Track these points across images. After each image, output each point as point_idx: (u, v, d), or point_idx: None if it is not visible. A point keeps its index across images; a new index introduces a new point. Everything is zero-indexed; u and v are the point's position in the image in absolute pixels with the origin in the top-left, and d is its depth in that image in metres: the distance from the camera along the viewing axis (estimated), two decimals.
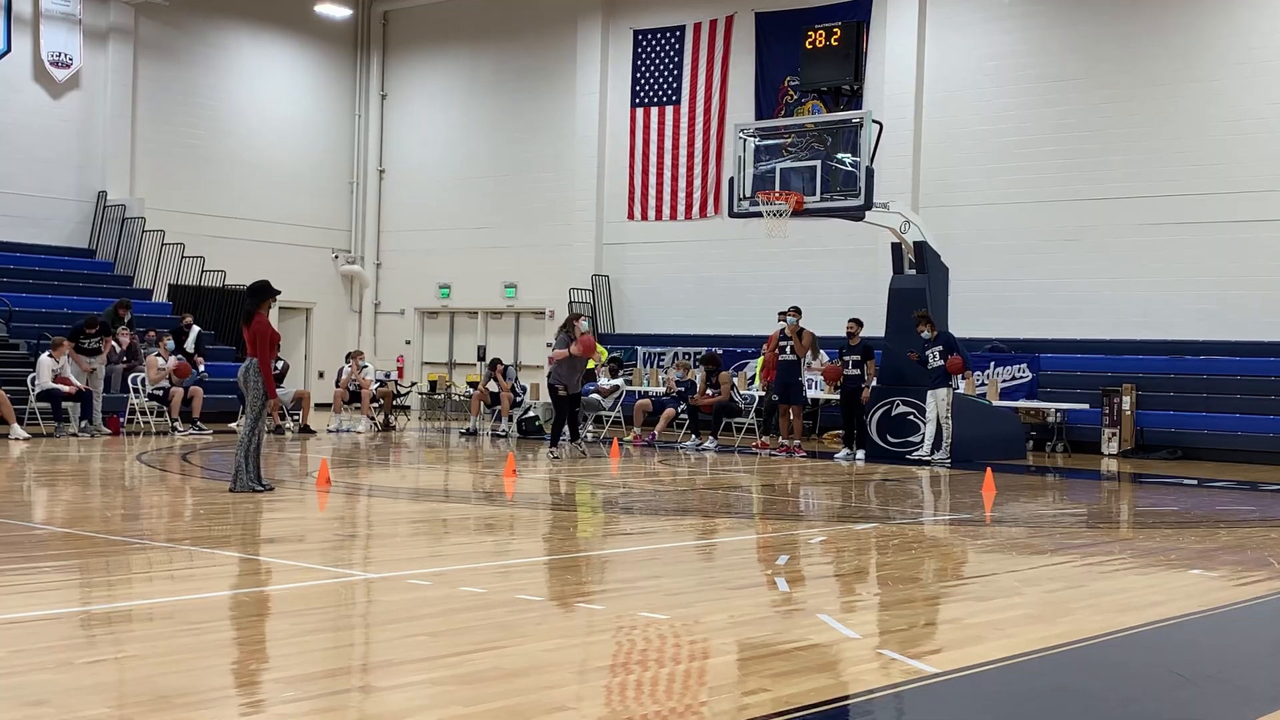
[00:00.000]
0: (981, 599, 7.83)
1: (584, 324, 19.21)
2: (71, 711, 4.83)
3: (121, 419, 20.56)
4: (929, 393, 18.26)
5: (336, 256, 31.92)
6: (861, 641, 6.46)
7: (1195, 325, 21.80)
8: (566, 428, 18.76)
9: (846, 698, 5.46)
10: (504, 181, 30.11)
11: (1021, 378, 22.48)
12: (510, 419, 22.60)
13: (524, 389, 23.97)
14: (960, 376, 18.99)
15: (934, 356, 18.17)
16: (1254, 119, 21.57)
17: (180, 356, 21.66)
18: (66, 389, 19.54)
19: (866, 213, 18.63)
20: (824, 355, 20.40)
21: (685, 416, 21.61)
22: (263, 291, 12.45)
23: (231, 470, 12.38)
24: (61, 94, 27.06)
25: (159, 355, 21.16)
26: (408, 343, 31.84)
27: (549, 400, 24.12)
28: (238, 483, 12.20)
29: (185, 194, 28.50)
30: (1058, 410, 21.53)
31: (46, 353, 19.76)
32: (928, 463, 17.97)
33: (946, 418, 18.12)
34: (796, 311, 19.56)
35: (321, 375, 30.06)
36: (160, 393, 20.93)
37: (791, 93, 25.72)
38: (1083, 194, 23.03)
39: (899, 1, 24.58)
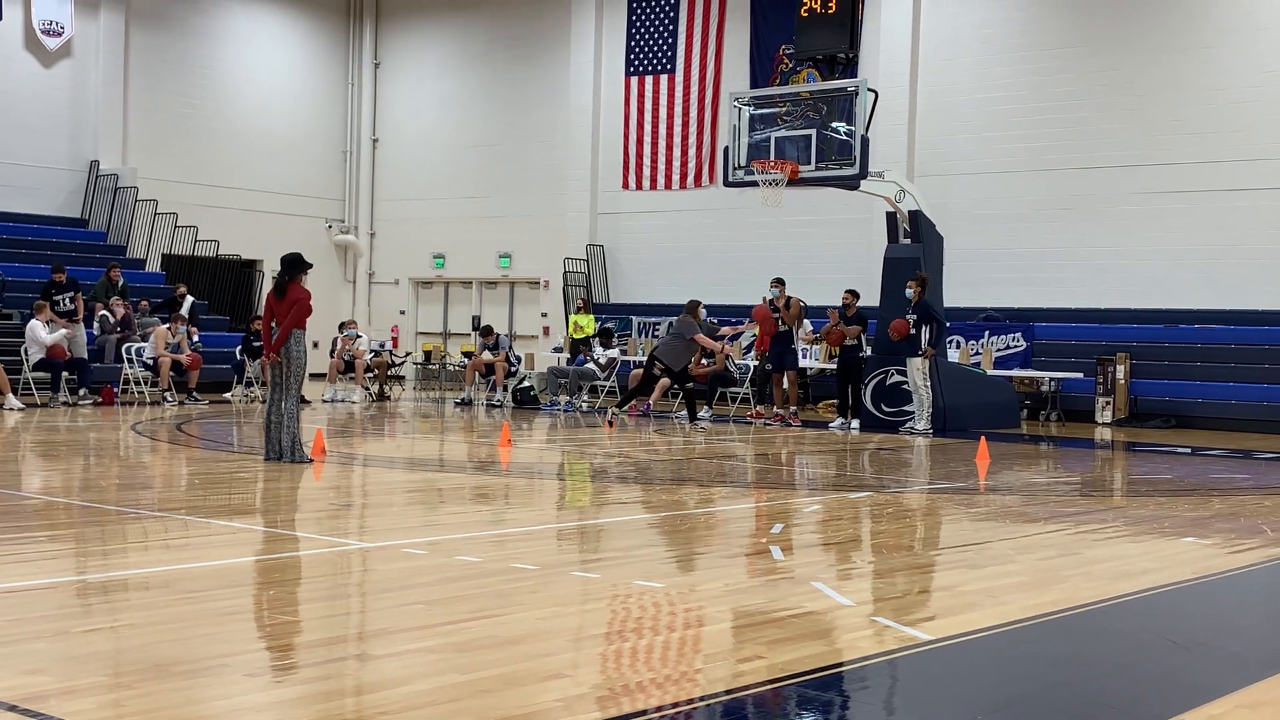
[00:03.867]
0: (975, 567, 7.85)
1: (702, 311, 19.59)
2: (68, 680, 4.84)
3: (115, 389, 20.53)
4: (907, 361, 18.24)
5: (330, 226, 31.83)
6: (856, 609, 6.49)
7: (1190, 294, 21.80)
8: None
9: (841, 665, 5.49)
10: (498, 151, 30.00)
11: (1016, 346, 22.49)
12: (505, 389, 22.61)
13: (519, 359, 23.95)
14: (922, 346, 18.37)
15: (910, 323, 18.12)
16: (1251, 87, 21.51)
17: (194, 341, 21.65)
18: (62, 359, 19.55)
19: (861, 182, 18.59)
20: (808, 325, 20.43)
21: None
22: (297, 264, 12.41)
23: (285, 444, 12.16)
24: (53, 62, 26.91)
25: (169, 329, 21.08)
26: (402, 313, 31.80)
27: (543, 370, 24.18)
28: (296, 454, 12.18)
29: (178, 163, 28.37)
30: (1052, 379, 21.55)
31: (33, 319, 19.74)
32: (911, 433, 17.95)
33: (925, 385, 18.08)
34: (780, 283, 19.69)
35: (316, 345, 29.94)
36: (151, 362, 20.86)
37: (786, 61, 25.62)
38: (1078, 162, 22.98)
39: None
